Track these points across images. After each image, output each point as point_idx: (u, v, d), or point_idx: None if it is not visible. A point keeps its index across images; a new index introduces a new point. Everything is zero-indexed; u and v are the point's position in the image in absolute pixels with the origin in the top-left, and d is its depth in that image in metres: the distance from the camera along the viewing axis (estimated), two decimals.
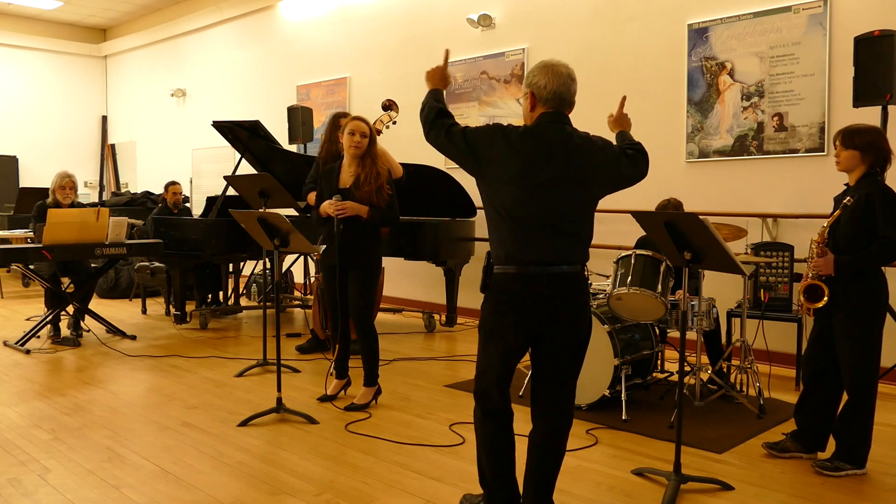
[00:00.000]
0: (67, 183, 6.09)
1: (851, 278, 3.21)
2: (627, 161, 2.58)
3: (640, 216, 3.25)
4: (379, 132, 5.23)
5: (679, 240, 2.99)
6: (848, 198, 3.21)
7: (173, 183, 7.57)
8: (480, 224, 6.86)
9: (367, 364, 4.30)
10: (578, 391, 4.17)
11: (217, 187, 8.01)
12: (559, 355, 2.52)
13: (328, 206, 4.17)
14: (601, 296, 4.44)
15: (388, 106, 5.80)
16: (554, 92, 2.47)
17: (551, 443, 2.59)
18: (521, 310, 2.45)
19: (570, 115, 2.58)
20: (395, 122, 5.86)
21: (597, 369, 4.13)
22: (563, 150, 2.43)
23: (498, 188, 2.46)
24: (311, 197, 4.54)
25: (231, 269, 7.89)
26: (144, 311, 7.68)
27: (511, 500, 2.66)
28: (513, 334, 2.48)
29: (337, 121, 5.13)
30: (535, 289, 2.43)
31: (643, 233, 4.36)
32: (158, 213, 7.49)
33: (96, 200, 12.26)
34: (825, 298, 3.23)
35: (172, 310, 7.16)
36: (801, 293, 3.31)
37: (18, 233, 8.31)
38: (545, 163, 2.42)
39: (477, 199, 6.54)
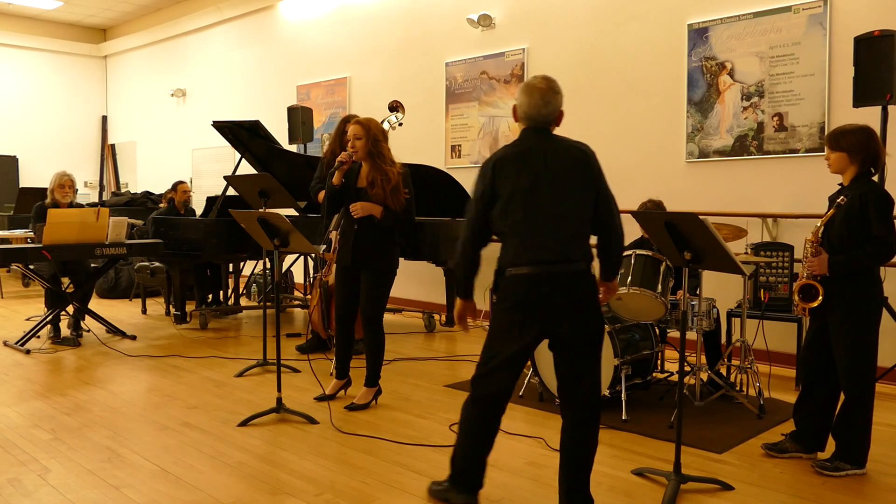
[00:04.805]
0: (66, 182, 6.09)
1: (846, 278, 3.21)
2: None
3: (640, 216, 3.25)
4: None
5: (679, 240, 2.99)
6: (841, 197, 3.23)
7: (181, 182, 7.57)
8: None
9: (371, 364, 4.30)
10: None
11: (217, 187, 8.01)
12: (571, 352, 2.69)
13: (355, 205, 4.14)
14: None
15: (395, 107, 5.80)
16: (525, 113, 2.71)
17: (576, 435, 2.74)
18: (526, 308, 2.63)
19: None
20: (401, 124, 5.86)
21: None
22: (542, 157, 2.65)
23: (502, 204, 2.67)
24: (322, 196, 4.54)
25: (231, 269, 7.89)
26: (144, 311, 7.68)
27: (472, 484, 2.83)
28: (519, 332, 2.65)
29: (343, 125, 5.14)
30: (538, 288, 2.60)
31: (641, 233, 4.38)
32: (165, 212, 7.49)
33: (96, 200, 12.26)
34: (820, 298, 3.24)
35: (172, 310, 7.16)
36: (796, 293, 3.32)
37: (18, 233, 8.31)
38: (527, 171, 2.64)
39: None
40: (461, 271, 2.77)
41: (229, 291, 7.91)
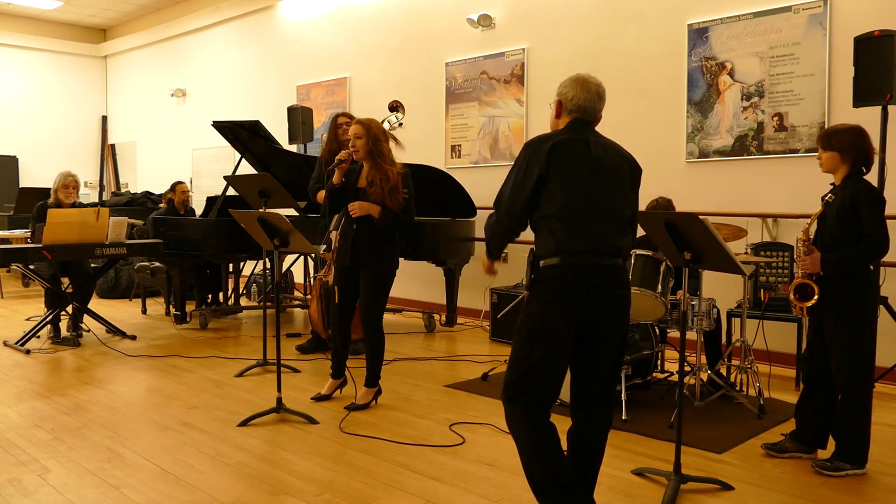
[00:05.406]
0: (71, 182, 6.09)
1: (840, 277, 3.22)
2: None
3: (640, 216, 3.25)
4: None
5: (679, 240, 2.99)
6: (829, 195, 3.25)
7: (180, 182, 7.58)
8: (480, 224, 6.86)
9: (371, 365, 4.29)
10: None
11: (217, 187, 8.01)
12: (601, 354, 2.56)
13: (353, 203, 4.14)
14: None
15: (395, 107, 5.79)
16: (579, 105, 2.64)
17: (590, 440, 2.65)
18: (572, 301, 2.46)
19: None
20: (401, 124, 5.86)
21: None
22: (601, 149, 2.60)
23: (555, 186, 2.53)
24: (321, 196, 4.54)
25: (231, 269, 7.89)
26: (144, 311, 7.68)
27: (572, 495, 2.51)
28: (560, 330, 2.46)
29: (336, 119, 5.13)
30: (589, 279, 2.47)
31: (641, 232, 4.38)
32: (164, 212, 7.49)
33: (96, 200, 12.26)
34: (815, 297, 3.25)
35: (172, 310, 7.16)
36: (792, 292, 3.33)
37: (18, 233, 8.31)
38: (588, 157, 2.56)
39: (477, 199, 6.58)
40: (496, 239, 2.61)
41: (229, 291, 7.91)
